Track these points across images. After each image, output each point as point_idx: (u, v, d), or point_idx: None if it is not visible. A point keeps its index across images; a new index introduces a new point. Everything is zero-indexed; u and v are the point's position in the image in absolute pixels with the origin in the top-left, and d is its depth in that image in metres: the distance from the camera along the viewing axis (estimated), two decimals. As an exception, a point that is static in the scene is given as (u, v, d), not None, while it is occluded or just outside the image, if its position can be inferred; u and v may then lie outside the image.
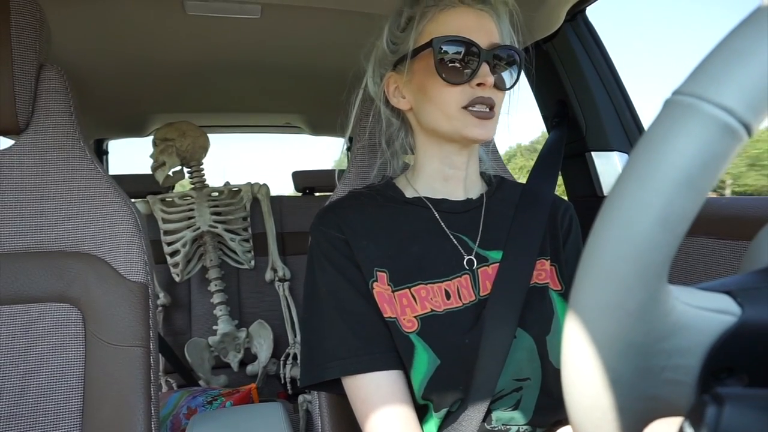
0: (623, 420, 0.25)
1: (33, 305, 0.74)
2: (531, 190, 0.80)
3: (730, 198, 1.00)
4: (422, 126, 0.72)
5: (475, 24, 0.66)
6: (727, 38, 0.24)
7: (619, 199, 0.24)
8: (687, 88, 0.24)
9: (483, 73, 0.65)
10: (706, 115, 0.23)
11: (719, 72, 0.23)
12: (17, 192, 0.76)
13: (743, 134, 0.23)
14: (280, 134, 2.55)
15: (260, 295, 1.89)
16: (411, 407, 0.63)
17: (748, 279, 0.28)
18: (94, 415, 0.73)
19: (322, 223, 0.72)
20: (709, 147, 0.23)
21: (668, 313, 0.25)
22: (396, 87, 0.73)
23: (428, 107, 0.68)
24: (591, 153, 1.22)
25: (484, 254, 0.71)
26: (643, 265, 0.23)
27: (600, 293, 0.24)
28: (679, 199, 0.23)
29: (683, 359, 0.25)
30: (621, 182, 0.25)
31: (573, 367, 0.26)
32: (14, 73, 0.74)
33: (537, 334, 0.66)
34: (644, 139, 0.25)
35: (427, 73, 0.67)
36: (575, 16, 1.18)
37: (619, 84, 1.20)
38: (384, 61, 0.75)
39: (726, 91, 0.23)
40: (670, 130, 0.24)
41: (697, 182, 0.23)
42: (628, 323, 0.24)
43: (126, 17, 1.11)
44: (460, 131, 0.66)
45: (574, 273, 0.24)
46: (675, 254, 0.24)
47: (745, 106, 0.23)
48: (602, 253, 0.24)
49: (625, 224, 0.24)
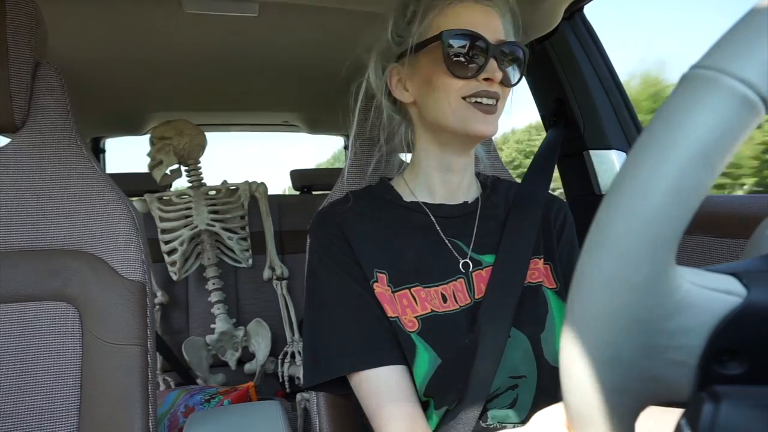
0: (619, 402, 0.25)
1: (30, 304, 0.74)
2: (525, 191, 0.80)
3: (728, 196, 1.00)
4: (425, 121, 0.71)
5: (482, 19, 0.66)
6: (749, 14, 0.24)
7: (633, 169, 0.24)
8: (707, 62, 0.24)
9: (491, 68, 0.65)
10: (726, 88, 0.23)
11: (741, 46, 0.23)
12: (13, 190, 0.76)
13: (762, 109, 0.23)
14: (278, 132, 2.54)
15: (258, 293, 1.89)
16: (417, 402, 0.64)
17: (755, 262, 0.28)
18: (92, 414, 0.73)
19: (322, 224, 0.72)
20: (728, 120, 0.23)
21: (674, 290, 0.24)
22: (399, 79, 0.72)
23: (432, 100, 0.67)
24: (589, 151, 1.22)
25: (478, 258, 0.71)
26: (652, 238, 0.23)
27: (606, 265, 0.24)
28: (693, 171, 0.23)
29: (687, 339, 0.25)
30: (635, 152, 0.24)
31: (572, 341, 0.26)
32: (10, 71, 0.74)
33: (531, 333, 0.66)
34: (662, 110, 0.24)
35: (433, 66, 0.66)
36: (573, 15, 1.18)
37: (617, 82, 1.20)
38: (387, 53, 0.74)
39: (747, 65, 0.23)
40: (689, 102, 0.23)
41: (712, 155, 0.23)
42: (633, 298, 0.24)
43: (123, 15, 1.11)
44: (464, 125, 0.65)
45: (567, 270, 0.24)
46: (679, 240, 0.24)
47: (765, 80, 0.23)
48: (612, 224, 0.24)
49: (638, 195, 0.23)
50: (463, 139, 0.69)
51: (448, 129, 0.67)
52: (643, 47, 65.54)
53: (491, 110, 0.66)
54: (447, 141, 0.70)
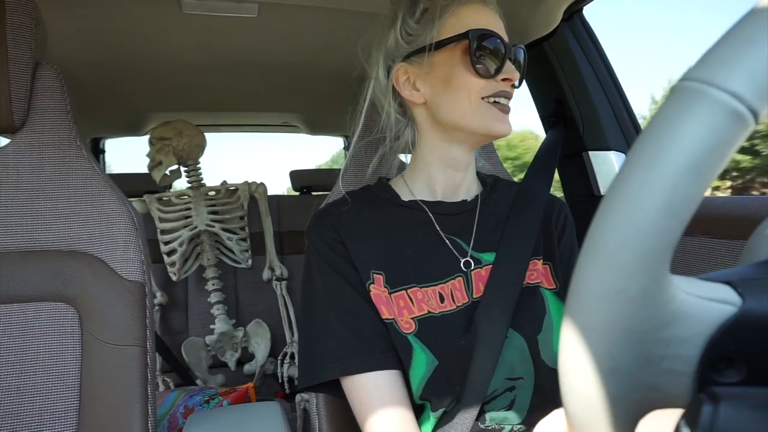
0: (620, 410, 0.25)
1: (29, 304, 0.74)
2: (526, 190, 0.80)
3: (727, 197, 1.00)
4: (437, 120, 0.70)
5: (492, 21, 0.68)
6: (736, 25, 0.24)
7: (625, 183, 0.24)
8: (695, 74, 0.24)
9: (509, 68, 0.67)
10: (714, 100, 0.23)
11: (728, 58, 0.23)
12: (13, 191, 0.76)
13: (751, 120, 0.23)
14: (278, 133, 2.54)
15: (258, 294, 1.88)
16: (409, 407, 0.63)
17: (749, 270, 0.28)
18: (91, 415, 0.73)
19: (318, 225, 0.72)
20: (717, 133, 0.23)
21: (669, 301, 0.24)
22: (407, 78, 0.72)
23: (451, 99, 0.68)
24: (588, 152, 1.22)
25: (478, 256, 0.71)
26: (646, 251, 0.23)
27: (602, 278, 0.24)
28: (684, 184, 0.23)
29: (683, 349, 0.25)
30: (627, 166, 0.25)
31: (571, 353, 0.26)
32: (10, 71, 0.74)
33: (528, 334, 0.66)
34: (652, 123, 0.25)
35: (453, 65, 0.67)
36: (572, 16, 1.18)
37: (616, 83, 1.21)
38: (395, 52, 0.73)
39: (734, 77, 0.23)
40: (677, 115, 0.24)
41: (703, 168, 0.23)
42: (628, 309, 0.24)
43: (122, 16, 1.11)
44: (485, 125, 0.67)
45: (568, 272, 0.24)
46: (673, 251, 0.24)
47: (753, 92, 0.23)
48: (605, 237, 0.24)
49: (630, 208, 0.24)
50: (479, 138, 0.70)
51: (467, 129, 0.68)
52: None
53: (507, 110, 0.68)
54: (461, 139, 0.70)
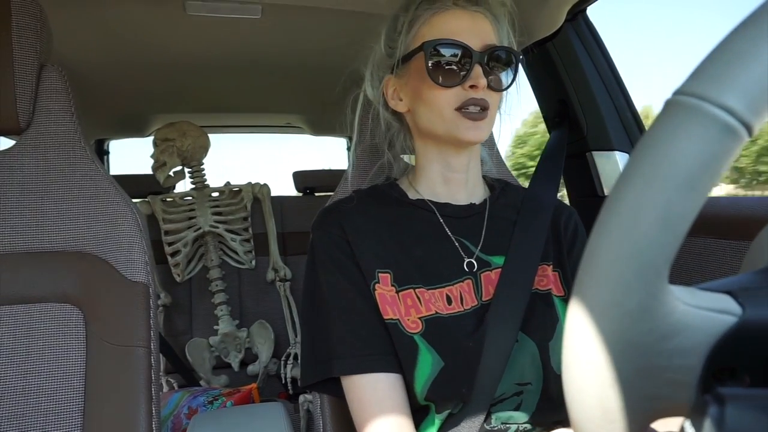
0: (624, 420, 0.25)
1: (34, 305, 0.74)
2: (533, 194, 0.80)
3: (731, 198, 1.00)
4: (419, 128, 0.72)
5: (468, 26, 0.66)
6: (727, 38, 0.24)
7: (620, 199, 0.24)
8: (688, 88, 0.24)
9: (475, 75, 0.64)
10: (707, 115, 0.23)
11: (720, 72, 0.23)
12: (18, 192, 0.76)
13: (744, 134, 0.23)
14: (281, 134, 2.54)
15: (261, 295, 1.89)
16: (407, 411, 0.63)
17: (749, 279, 0.28)
18: (95, 416, 0.73)
19: (324, 223, 0.72)
20: (710, 147, 0.23)
21: (669, 313, 0.25)
22: (394, 90, 0.73)
23: (423, 110, 0.68)
24: (592, 153, 1.22)
25: (487, 259, 0.70)
26: (643, 265, 0.23)
27: (601, 292, 0.24)
28: (679, 199, 0.23)
29: (685, 360, 0.25)
30: (622, 182, 0.25)
31: (574, 366, 0.26)
32: (15, 73, 0.74)
33: (540, 340, 0.66)
34: (645, 139, 0.25)
35: (420, 76, 0.67)
36: (576, 16, 1.18)
37: (620, 84, 1.20)
38: (382, 64, 0.75)
39: (727, 91, 0.23)
40: (671, 130, 0.24)
41: (697, 182, 0.23)
42: (628, 323, 0.24)
43: (127, 17, 1.12)
44: (453, 133, 0.66)
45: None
46: (676, 254, 0.24)
47: (745, 106, 0.23)
48: (603, 252, 0.25)
49: (626, 224, 0.24)
50: (455, 144, 0.70)
51: (440, 137, 0.69)
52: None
53: (479, 117, 0.66)
54: (443, 145, 0.71)
